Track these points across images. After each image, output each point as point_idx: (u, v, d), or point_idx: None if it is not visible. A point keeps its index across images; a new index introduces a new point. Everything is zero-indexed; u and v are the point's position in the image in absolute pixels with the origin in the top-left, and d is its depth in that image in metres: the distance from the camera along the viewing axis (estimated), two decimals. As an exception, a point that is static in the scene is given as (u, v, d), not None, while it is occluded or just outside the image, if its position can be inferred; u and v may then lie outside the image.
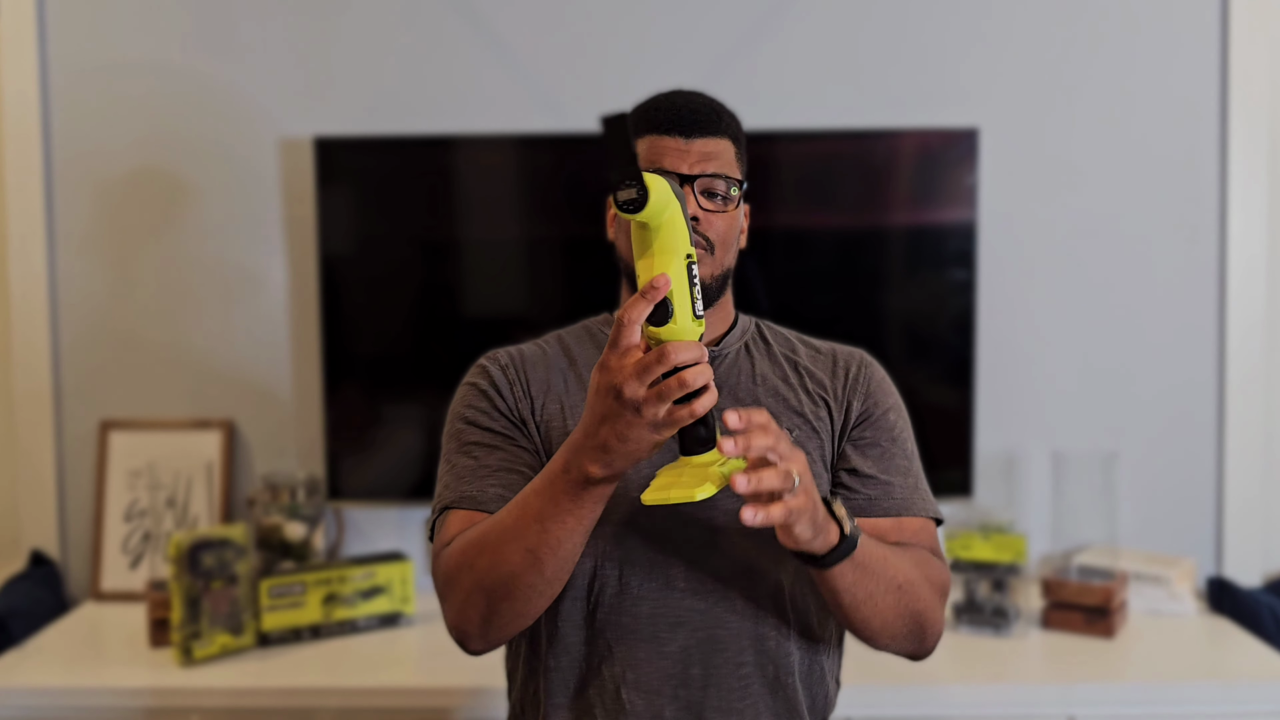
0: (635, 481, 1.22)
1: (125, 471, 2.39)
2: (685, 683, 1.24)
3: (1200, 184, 2.36)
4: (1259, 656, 2.03)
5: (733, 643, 1.25)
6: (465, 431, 1.29)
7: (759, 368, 1.34)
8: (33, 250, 2.38)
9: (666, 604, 1.24)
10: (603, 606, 1.25)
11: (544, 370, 1.32)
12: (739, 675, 1.25)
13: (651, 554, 1.24)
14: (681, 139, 1.27)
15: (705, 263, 1.27)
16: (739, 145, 1.33)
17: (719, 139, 1.29)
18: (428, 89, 2.37)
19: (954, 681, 1.92)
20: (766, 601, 1.26)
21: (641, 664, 1.24)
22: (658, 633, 1.24)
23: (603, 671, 1.25)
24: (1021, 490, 2.40)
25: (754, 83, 2.35)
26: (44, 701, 1.94)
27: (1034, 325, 2.39)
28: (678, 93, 1.32)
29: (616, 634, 1.24)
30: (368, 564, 2.20)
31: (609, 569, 1.24)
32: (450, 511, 1.25)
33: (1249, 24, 2.32)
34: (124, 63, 2.38)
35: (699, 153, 1.27)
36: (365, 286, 2.35)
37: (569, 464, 1.08)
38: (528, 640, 1.31)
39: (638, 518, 1.23)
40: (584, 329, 1.39)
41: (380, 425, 2.36)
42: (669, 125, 1.27)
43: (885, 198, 2.30)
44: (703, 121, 1.28)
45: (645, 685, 1.24)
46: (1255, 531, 2.38)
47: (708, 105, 1.30)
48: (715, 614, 1.24)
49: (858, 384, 1.34)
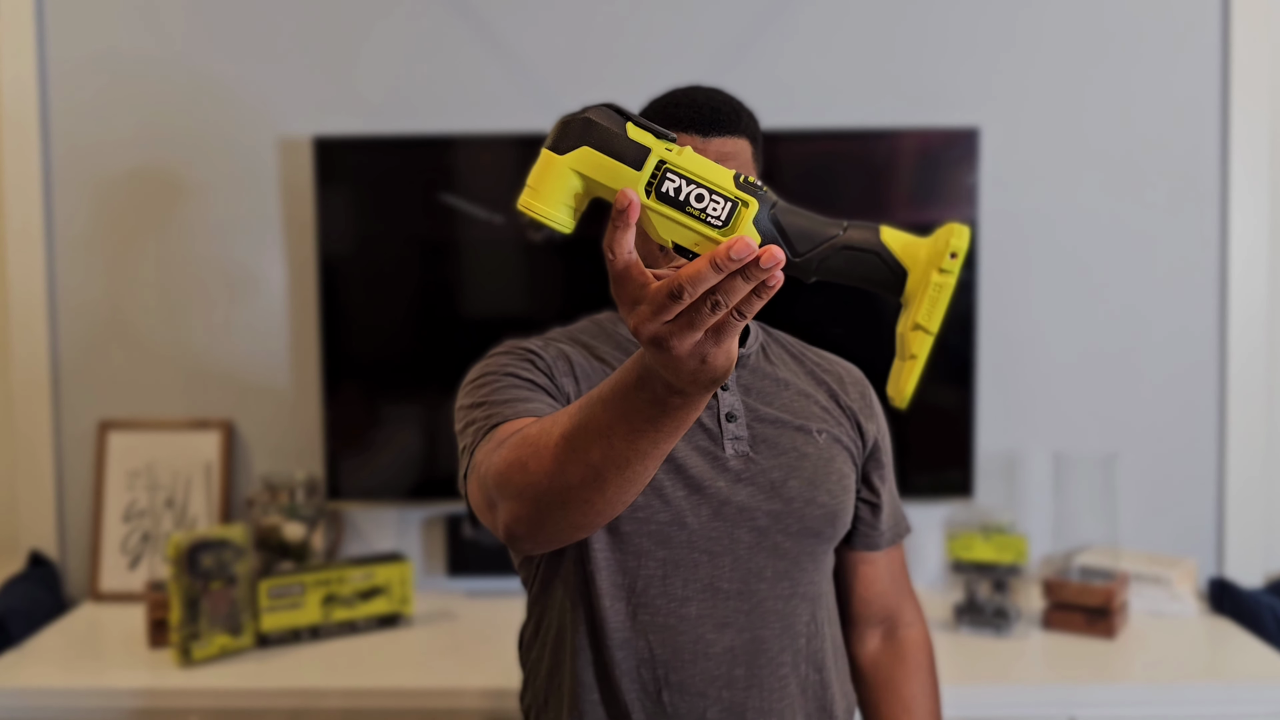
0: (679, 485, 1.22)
1: (124, 472, 2.39)
2: (729, 684, 1.24)
3: (1201, 184, 2.36)
4: (1260, 657, 2.03)
5: (774, 642, 1.25)
6: (498, 381, 1.19)
7: (780, 371, 1.34)
8: (31, 249, 2.38)
9: (713, 605, 1.24)
10: (646, 607, 1.23)
11: (581, 357, 1.28)
12: (778, 676, 1.25)
13: (696, 555, 1.24)
14: (699, 136, 1.24)
15: None
16: (756, 145, 1.30)
17: (737, 138, 1.26)
18: (428, 89, 2.37)
19: (954, 682, 1.91)
20: (804, 603, 1.28)
21: (686, 666, 1.23)
22: (704, 634, 1.24)
23: (642, 673, 1.24)
24: (1022, 491, 2.40)
25: (755, 82, 2.34)
26: (43, 702, 1.94)
27: (1034, 325, 2.38)
28: (697, 89, 1.30)
29: (660, 635, 1.23)
30: (367, 565, 2.20)
31: (652, 568, 1.23)
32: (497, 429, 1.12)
33: (1250, 23, 2.32)
34: (123, 61, 2.38)
35: (716, 152, 1.24)
36: (365, 286, 2.34)
37: (643, 379, 0.89)
38: (555, 631, 1.29)
39: (683, 516, 1.23)
40: (595, 325, 1.36)
41: (380, 425, 2.36)
42: (687, 122, 1.25)
43: (886, 197, 2.30)
44: (722, 120, 1.25)
45: (689, 687, 1.23)
46: (1256, 532, 2.38)
47: (727, 103, 1.28)
48: (759, 614, 1.25)
49: (865, 406, 1.37)
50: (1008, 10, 2.35)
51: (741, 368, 1.31)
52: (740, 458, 1.26)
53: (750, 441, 1.27)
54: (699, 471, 1.24)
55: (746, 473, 1.26)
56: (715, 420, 1.27)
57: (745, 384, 1.31)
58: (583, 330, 1.36)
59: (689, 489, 1.23)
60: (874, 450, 1.37)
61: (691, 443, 1.25)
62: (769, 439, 1.28)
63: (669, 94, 1.30)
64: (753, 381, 1.31)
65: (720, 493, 1.24)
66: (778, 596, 1.26)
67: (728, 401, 1.28)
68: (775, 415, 1.29)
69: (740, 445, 1.26)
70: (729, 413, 1.28)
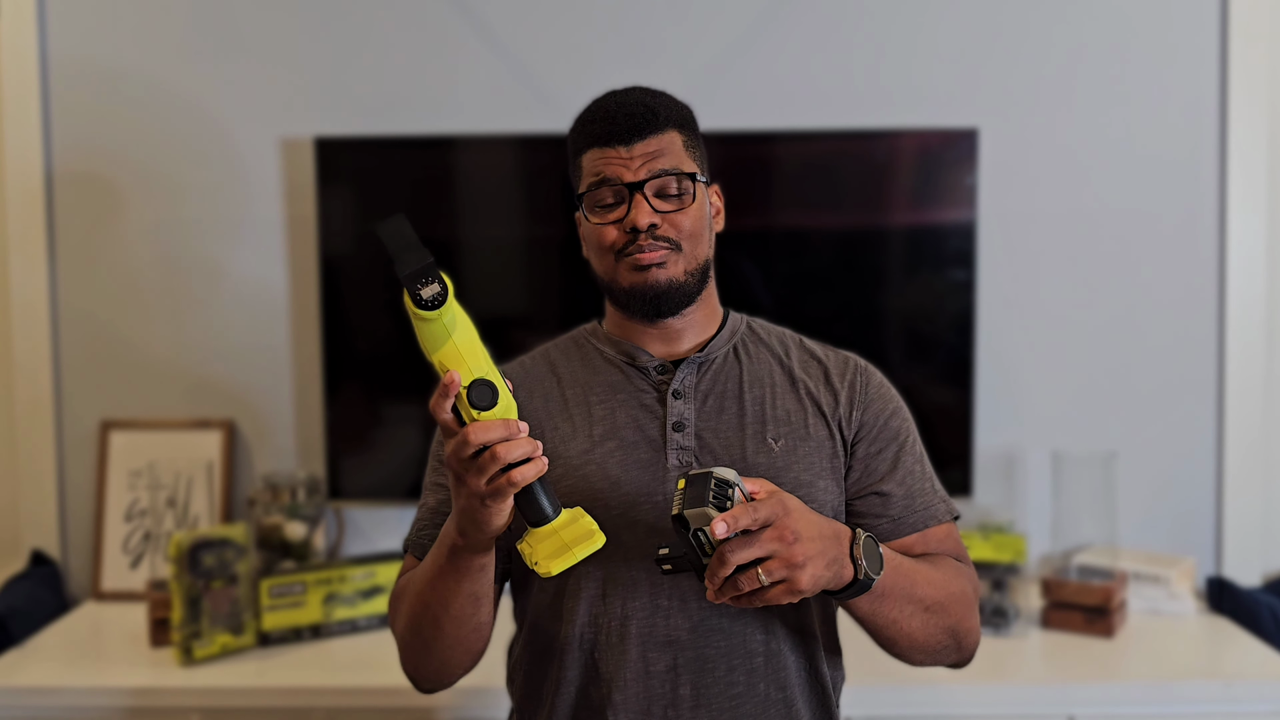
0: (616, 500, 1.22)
1: (126, 471, 2.39)
2: (674, 703, 1.21)
3: (1200, 184, 2.37)
4: (1259, 656, 2.04)
5: (721, 662, 1.22)
6: (435, 469, 1.32)
7: (748, 373, 1.31)
8: (33, 250, 2.39)
9: (653, 623, 1.22)
10: (590, 626, 1.23)
11: (524, 396, 1.30)
12: (729, 695, 1.22)
13: (634, 572, 1.22)
14: (622, 147, 1.24)
15: (676, 261, 1.25)
16: (687, 131, 1.29)
17: (660, 135, 1.25)
18: (428, 89, 2.38)
19: (954, 681, 1.92)
20: (755, 621, 1.23)
21: (630, 684, 1.21)
22: (645, 652, 1.22)
23: (590, 692, 1.23)
24: (1021, 490, 2.40)
25: (754, 82, 2.35)
26: (44, 701, 1.94)
27: (1034, 325, 2.39)
28: (611, 97, 1.28)
29: (604, 654, 1.22)
30: (368, 564, 2.20)
31: (593, 587, 1.23)
32: (407, 554, 1.33)
33: (1248, 23, 2.32)
34: (124, 62, 2.38)
35: (642, 155, 1.24)
36: (365, 286, 2.35)
37: (447, 531, 1.14)
38: (520, 648, 1.32)
39: (619, 534, 1.21)
40: (571, 341, 1.38)
41: (380, 425, 2.37)
42: (607, 136, 1.25)
43: (885, 198, 2.31)
44: (639, 124, 1.24)
45: (632, 706, 1.21)
46: (1254, 531, 2.38)
47: (642, 105, 1.26)
48: (703, 632, 1.22)
49: (855, 395, 1.30)
50: (1007, 11, 2.35)
51: (702, 374, 1.29)
52: (683, 468, 1.23)
53: (696, 451, 1.24)
54: (635, 486, 1.23)
55: None
56: (660, 430, 1.25)
57: (704, 390, 1.28)
58: (556, 346, 1.38)
59: (626, 504, 1.22)
60: (864, 437, 1.29)
61: (631, 455, 1.24)
62: (715, 449, 1.25)
63: (587, 110, 1.29)
64: (713, 386, 1.29)
65: (656, 506, 1.22)
66: (723, 614, 1.22)
67: (676, 410, 1.26)
68: (728, 423, 1.26)
69: (685, 455, 1.24)
70: (676, 422, 1.26)
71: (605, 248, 1.26)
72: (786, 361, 1.33)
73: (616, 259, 1.26)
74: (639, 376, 1.30)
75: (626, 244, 1.24)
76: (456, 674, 1.25)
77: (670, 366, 1.30)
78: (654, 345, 1.31)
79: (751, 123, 2.32)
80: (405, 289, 1.01)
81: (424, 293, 1.01)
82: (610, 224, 1.25)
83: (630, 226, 1.23)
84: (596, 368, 1.32)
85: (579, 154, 1.29)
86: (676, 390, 1.27)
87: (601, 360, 1.32)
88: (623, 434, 1.26)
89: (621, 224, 1.24)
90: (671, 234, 1.25)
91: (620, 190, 1.24)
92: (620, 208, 1.25)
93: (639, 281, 1.25)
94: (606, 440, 1.25)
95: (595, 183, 1.25)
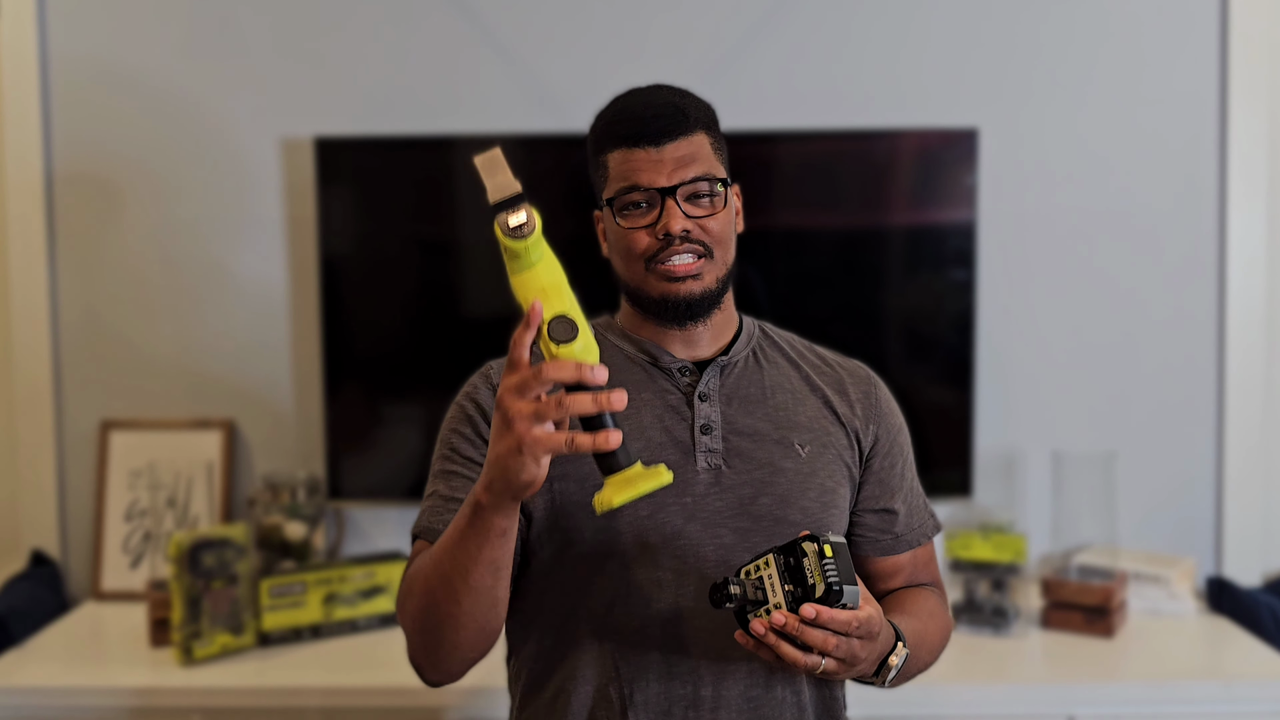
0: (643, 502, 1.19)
1: (126, 471, 2.39)
2: (695, 704, 1.21)
3: (1200, 184, 2.37)
4: (1258, 656, 2.04)
5: (742, 664, 1.22)
6: (447, 458, 1.27)
7: (769, 378, 1.31)
8: (33, 249, 2.38)
9: (677, 624, 1.21)
10: (611, 627, 1.22)
11: None
12: (748, 697, 1.23)
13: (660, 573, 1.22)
14: (652, 148, 1.22)
15: (709, 269, 1.25)
16: (713, 133, 1.28)
17: (690, 136, 1.24)
18: (428, 89, 2.38)
19: (954, 681, 1.92)
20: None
21: (651, 685, 1.22)
22: (668, 654, 1.22)
23: (609, 692, 1.23)
24: (1021, 490, 2.40)
25: (754, 83, 2.35)
26: (44, 701, 1.94)
27: (1034, 325, 2.39)
28: (637, 95, 1.27)
29: (625, 655, 1.22)
30: (368, 564, 2.20)
31: (617, 587, 1.22)
32: (417, 540, 1.27)
33: (1248, 22, 2.32)
34: (124, 61, 2.38)
35: (672, 159, 1.22)
36: (365, 286, 2.35)
37: (472, 492, 1.08)
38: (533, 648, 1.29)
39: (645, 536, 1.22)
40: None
41: (380, 425, 2.37)
42: (636, 137, 1.23)
43: (885, 198, 2.31)
44: (669, 125, 1.22)
45: (653, 706, 1.21)
46: (1254, 531, 2.38)
47: (671, 105, 1.24)
48: (725, 634, 1.20)
49: (869, 408, 1.33)
50: (1007, 11, 2.35)
51: (725, 378, 1.29)
52: (712, 471, 1.24)
53: (724, 455, 1.24)
54: (663, 489, 1.22)
55: (716, 487, 1.23)
56: (689, 432, 1.25)
57: (728, 393, 1.28)
58: None
59: (653, 506, 1.21)
60: (878, 452, 1.32)
61: (658, 457, 1.22)
62: (744, 452, 1.25)
63: (612, 107, 1.28)
64: (736, 390, 1.29)
65: (685, 509, 1.22)
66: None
67: (704, 413, 1.26)
68: (755, 427, 1.27)
69: (713, 458, 1.24)
70: (704, 424, 1.25)
71: (636, 254, 1.24)
72: (802, 367, 1.34)
73: (647, 266, 1.24)
74: (663, 377, 1.28)
75: (658, 250, 1.23)
76: (470, 657, 1.18)
77: (693, 369, 1.29)
78: (675, 347, 1.30)
79: (751, 123, 2.32)
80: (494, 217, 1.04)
81: (510, 219, 1.04)
82: (641, 229, 1.23)
83: (664, 232, 1.22)
84: (617, 365, 1.28)
85: (603, 152, 1.27)
86: (703, 393, 1.27)
87: (622, 358, 1.30)
88: (649, 434, 1.25)
89: (653, 229, 1.23)
90: (704, 238, 1.24)
91: (651, 194, 1.23)
92: (651, 212, 1.23)
93: (671, 292, 1.24)
94: (632, 440, 1.24)
95: (626, 187, 1.23)
